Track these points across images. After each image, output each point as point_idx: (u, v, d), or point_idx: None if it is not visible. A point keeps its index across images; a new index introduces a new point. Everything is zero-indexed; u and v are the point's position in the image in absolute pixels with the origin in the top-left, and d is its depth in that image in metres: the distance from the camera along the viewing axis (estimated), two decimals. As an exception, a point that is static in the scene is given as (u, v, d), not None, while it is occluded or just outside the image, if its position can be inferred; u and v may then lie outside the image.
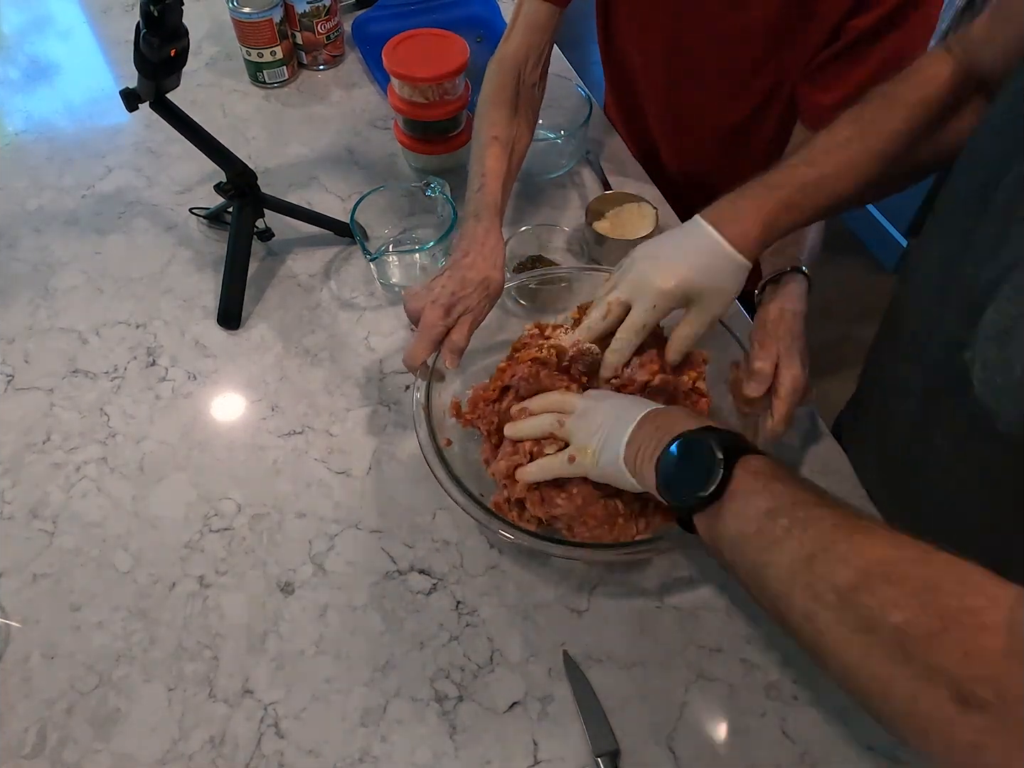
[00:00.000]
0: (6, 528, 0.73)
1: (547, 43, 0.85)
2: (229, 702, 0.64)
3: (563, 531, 0.66)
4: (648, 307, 0.64)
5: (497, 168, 0.79)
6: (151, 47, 0.73)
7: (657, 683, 0.64)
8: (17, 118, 1.11)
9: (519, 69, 0.84)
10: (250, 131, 1.10)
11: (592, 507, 0.64)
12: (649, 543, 0.64)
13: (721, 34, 0.86)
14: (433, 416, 0.70)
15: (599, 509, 0.64)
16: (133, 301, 0.90)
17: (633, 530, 0.65)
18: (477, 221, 0.75)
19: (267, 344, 0.87)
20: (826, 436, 0.79)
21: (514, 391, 0.69)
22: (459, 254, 0.73)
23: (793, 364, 0.69)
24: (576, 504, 0.64)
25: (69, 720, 0.63)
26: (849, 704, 0.62)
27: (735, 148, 0.98)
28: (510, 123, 0.83)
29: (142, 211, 1.00)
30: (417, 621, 0.68)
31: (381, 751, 0.61)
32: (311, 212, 0.95)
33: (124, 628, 0.67)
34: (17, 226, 0.98)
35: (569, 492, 0.64)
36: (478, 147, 0.81)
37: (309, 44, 1.15)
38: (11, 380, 0.83)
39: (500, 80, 0.84)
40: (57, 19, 1.29)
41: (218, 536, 0.72)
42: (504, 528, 0.64)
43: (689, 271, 0.63)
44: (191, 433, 0.79)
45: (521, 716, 0.63)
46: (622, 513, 0.65)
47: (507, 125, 0.82)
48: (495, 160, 0.79)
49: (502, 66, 0.85)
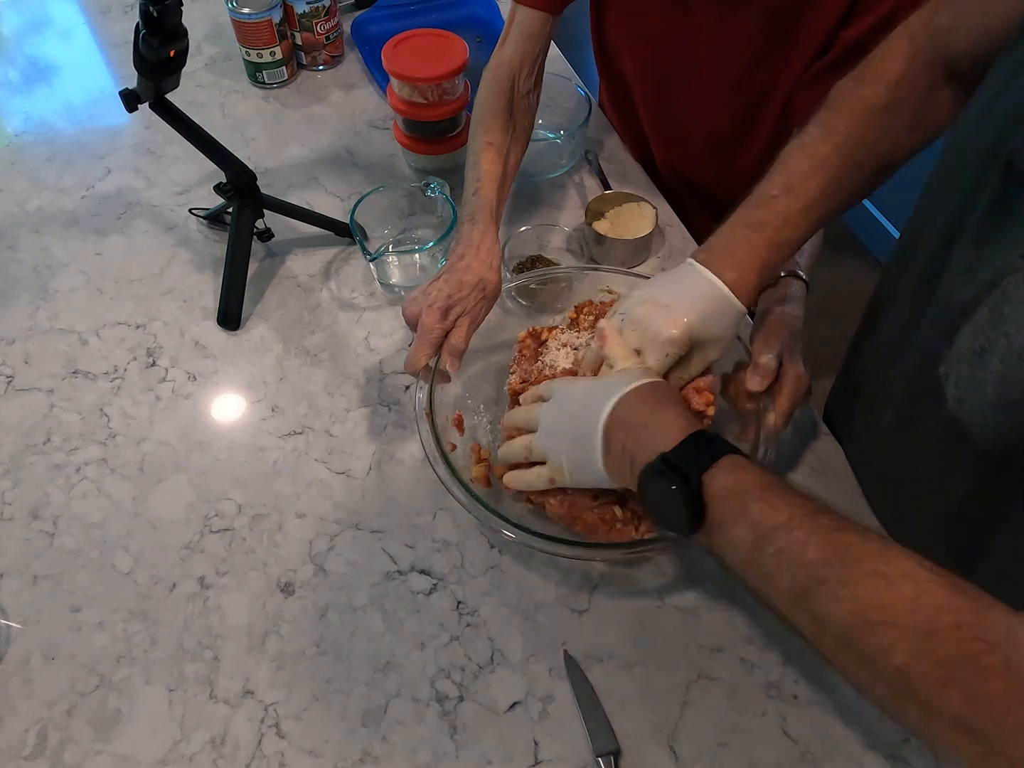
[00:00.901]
0: (6, 529, 0.73)
1: (541, 50, 0.85)
2: (230, 703, 0.64)
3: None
4: (661, 356, 0.63)
5: (492, 172, 0.79)
6: (150, 48, 0.73)
7: (658, 683, 0.64)
8: (16, 119, 1.11)
9: (513, 78, 0.84)
10: (249, 132, 1.10)
11: (584, 514, 0.65)
12: (651, 543, 0.64)
13: (710, 42, 0.86)
14: (436, 419, 0.70)
15: (590, 516, 0.65)
16: (133, 302, 0.90)
17: (632, 533, 0.65)
18: (472, 224, 0.76)
19: (267, 345, 0.87)
20: (825, 435, 0.79)
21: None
22: (455, 257, 0.74)
23: (797, 363, 0.69)
24: (565, 509, 0.65)
25: (70, 721, 0.63)
26: (850, 703, 0.63)
27: (727, 154, 0.99)
28: (505, 130, 0.83)
29: (142, 212, 1.00)
30: (417, 621, 0.68)
31: (382, 751, 0.61)
32: (311, 212, 0.95)
33: (125, 629, 0.67)
34: (17, 227, 0.98)
35: (560, 499, 0.65)
36: (473, 153, 0.82)
37: (308, 44, 1.15)
38: (11, 381, 0.83)
39: (495, 88, 0.84)
40: (56, 20, 1.29)
41: (218, 537, 0.72)
42: (506, 527, 0.64)
43: (695, 319, 0.62)
44: (191, 434, 0.79)
45: (522, 716, 0.63)
46: (620, 518, 0.65)
47: (502, 132, 0.83)
48: (490, 164, 0.80)
49: (497, 74, 0.85)
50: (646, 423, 0.56)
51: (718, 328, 0.63)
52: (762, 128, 0.93)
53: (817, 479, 0.76)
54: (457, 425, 0.74)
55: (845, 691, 0.64)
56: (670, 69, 0.93)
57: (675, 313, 0.62)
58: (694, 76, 0.92)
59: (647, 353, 0.63)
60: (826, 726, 0.62)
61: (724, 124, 0.95)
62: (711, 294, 0.63)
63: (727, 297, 0.62)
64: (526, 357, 0.75)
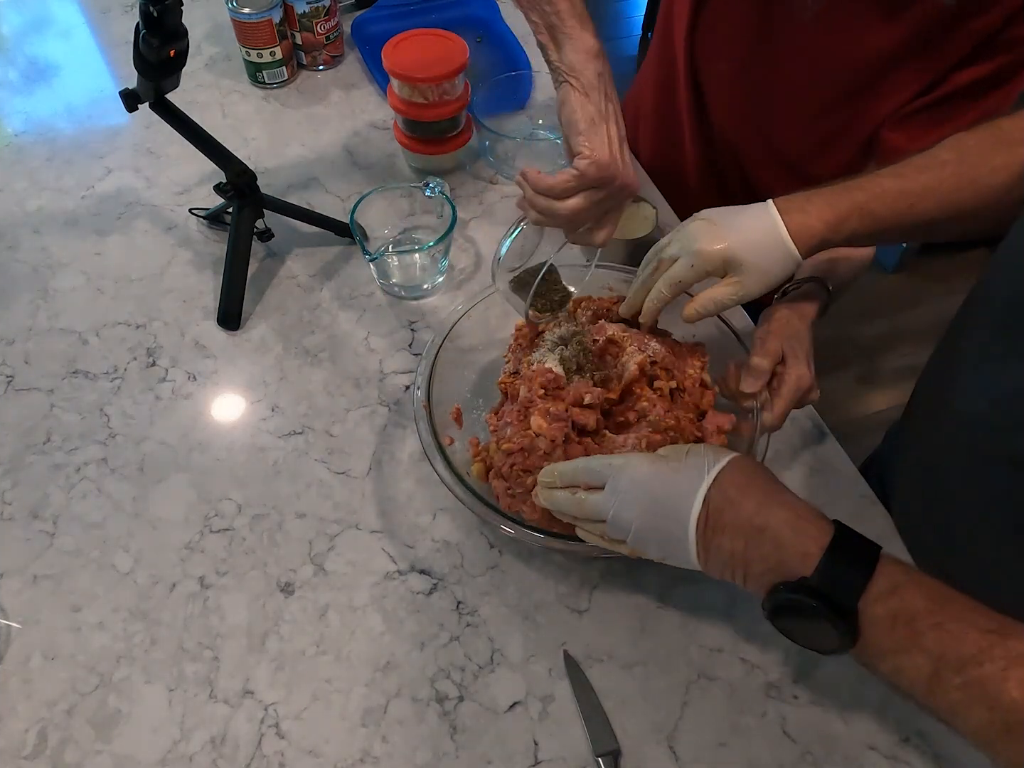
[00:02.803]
0: (6, 529, 0.73)
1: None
2: (230, 703, 0.64)
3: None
4: (687, 264, 0.62)
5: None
6: (150, 48, 0.73)
7: (658, 683, 0.64)
8: (16, 119, 1.11)
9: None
10: (250, 132, 1.10)
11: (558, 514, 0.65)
12: None
13: (812, 60, 0.81)
14: (435, 413, 0.70)
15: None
16: (133, 302, 0.90)
17: None
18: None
19: (267, 344, 0.87)
20: (827, 436, 0.79)
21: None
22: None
23: (799, 363, 0.69)
24: (540, 514, 0.65)
25: (70, 721, 0.63)
26: (850, 703, 0.63)
27: (795, 183, 0.95)
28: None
29: (142, 212, 1.00)
30: (417, 621, 0.68)
31: (382, 751, 0.61)
32: (311, 212, 0.95)
33: (125, 629, 0.67)
34: (17, 227, 0.98)
35: (531, 505, 0.65)
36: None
37: (308, 45, 1.15)
38: (11, 381, 0.83)
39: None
40: (57, 20, 1.29)
41: (218, 537, 0.72)
42: (505, 524, 0.64)
43: (737, 241, 0.61)
44: (191, 434, 0.80)
45: (522, 716, 0.63)
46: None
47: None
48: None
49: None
50: (757, 526, 0.51)
51: (761, 260, 0.62)
52: (839, 154, 0.88)
53: (817, 479, 0.76)
54: (456, 419, 0.74)
55: (845, 691, 0.64)
56: (754, 82, 0.88)
57: (720, 231, 0.62)
58: (776, 93, 0.87)
59: (680, 260, 0.63)
60: (826, 726, 0.62)
61: (794, 149, 0.91)
62: (766, 228, 0.62)
63: (781, 235, 0.61)
64: (522, 346, 0.75)
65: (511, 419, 0.69)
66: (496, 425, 0.71)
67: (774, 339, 0.70)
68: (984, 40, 0.71)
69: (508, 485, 0.67)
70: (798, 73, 0.83)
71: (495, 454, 0.69)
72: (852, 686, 0.64)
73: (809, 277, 0.76)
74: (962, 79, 0.74)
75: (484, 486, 0.69)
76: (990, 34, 0.70)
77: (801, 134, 0.90)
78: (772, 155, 0.94)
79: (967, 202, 0.62)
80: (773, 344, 0.69)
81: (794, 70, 0.83)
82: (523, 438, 0.67)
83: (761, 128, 0.93)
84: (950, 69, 0.74)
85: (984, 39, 0.71)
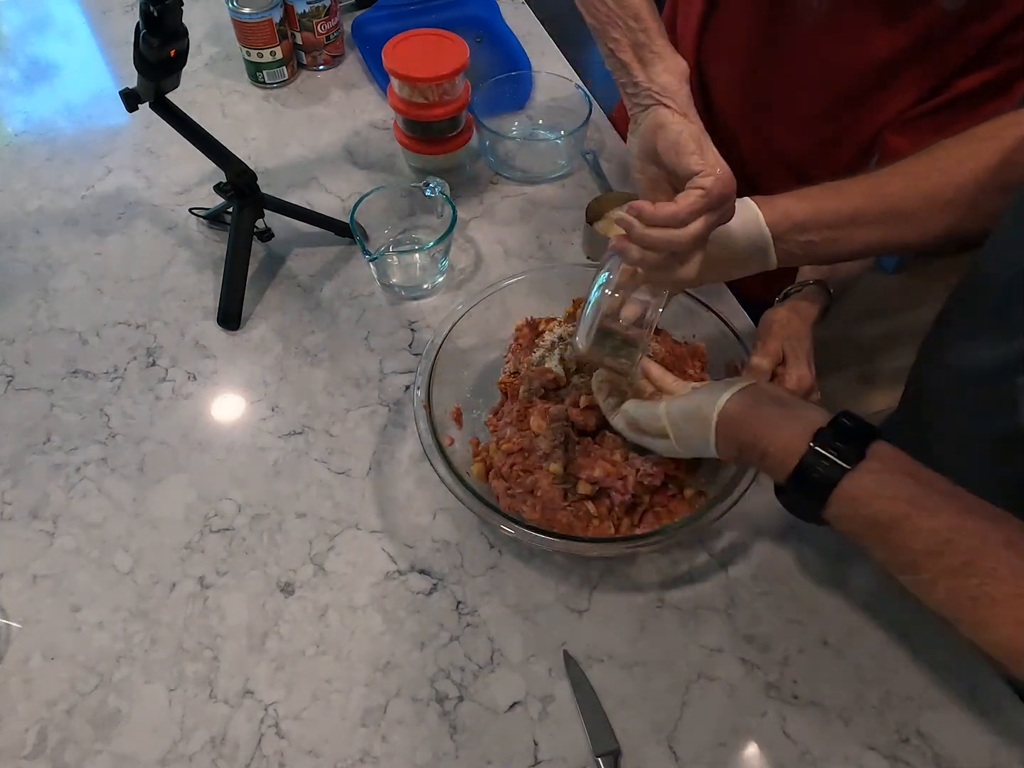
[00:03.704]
0: (6, 529, 0.73)
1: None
2: (229, 703, 0.64)
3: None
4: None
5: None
6: (151, 47, 0.73)
7: (658, 683, 0.64)
8: (17, 119, 1.11)
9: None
10: (250, 131, 1.10)
11: (557, 515, 0.65)
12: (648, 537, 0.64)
13: (817, 63, 0.81)
14: (434, 413, 0.70)
15: (564, 515, 0.65)
16: (133, 301, 0.90)
17: (611, 529, 0.66)
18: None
19: (267, 344, 0.87)
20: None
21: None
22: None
23: (800, 364, 0.69)
24: (539, 513, 0.65)
25: (70, 721, 0.63)
26: (850, 703, 0.63)
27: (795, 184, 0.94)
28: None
29: (142, 212, 1.00)
30: (417, 621, 0.68)
31: (382, 751, 0.61)
32: (311, 212, 0.95)
33: (124, 629, 0.67)
34: (17, 227, 0.98)
35: (531, 503, 0.65)
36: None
37: (309, 44, 1.15)
38: (11, 380, 0.83)
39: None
40: (57, 20, 1.29)
41: (218, 536, 0.72)
42: (505, 524, 0.64)
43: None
44: (191, 434, 0.79)
45: (521, 716, 0.63)
46: (594, 514, 0.66)
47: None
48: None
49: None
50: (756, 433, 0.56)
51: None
52: (839, 156, 0.88)
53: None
54: (456, 419, 0.74)
55: (845, 691, 0.64)
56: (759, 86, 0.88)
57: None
58: (777, 96, 0.87)
59: None
60: (826, 726, 0.62)
61: (795, 148, 0.91)
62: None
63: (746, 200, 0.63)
64: (522, 347, 0.75)
65: (511, 419, 0.69)
66: (496, 425, 0.71)
67: (774, 340, 0.70)
68: (986, 46, 0.71)
69: (508, 485, 0.67)
70: (802, 76, 0.84)
71: (495, 454, 0.69)
72: (852, 686, 0.64)
73: (810, 279, 0.76)
74: (965, 84, 0.74)
75: (484, 486, 0.69)
76: (992, 40, 0.71)
77: (802, 136, 0.90)
78: (773, 156, 0.94)
79: (939, 189, 0.63)
80: (773, 345, 0.70)
81: (798, 73, 0.84)
82: (523, 438, 0.67)
83: (762, 129, 0.93)
84: (953, 74, 0.75)
85: (986, 45, 0.71)
